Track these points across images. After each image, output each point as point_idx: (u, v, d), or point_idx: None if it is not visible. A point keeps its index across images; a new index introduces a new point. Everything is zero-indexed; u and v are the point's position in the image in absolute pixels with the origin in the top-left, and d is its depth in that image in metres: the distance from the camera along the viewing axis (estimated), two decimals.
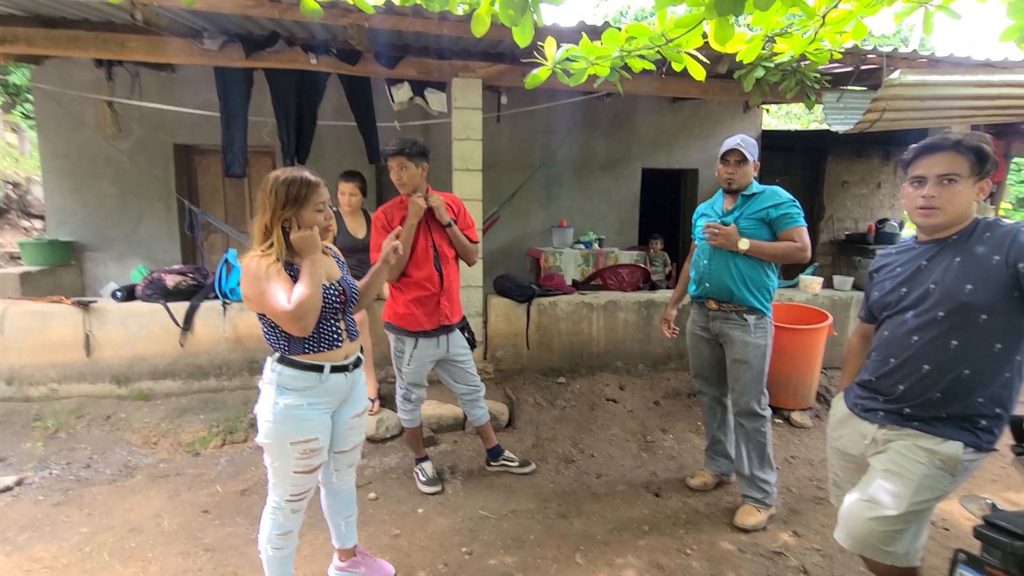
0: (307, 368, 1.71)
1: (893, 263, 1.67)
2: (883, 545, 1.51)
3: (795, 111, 13.09)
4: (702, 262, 2.55)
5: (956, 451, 1.47)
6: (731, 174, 2.48)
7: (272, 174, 1.68)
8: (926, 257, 1.56)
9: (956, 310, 1.46)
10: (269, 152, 5.28)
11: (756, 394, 2.50)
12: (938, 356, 1.49)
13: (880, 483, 1.53)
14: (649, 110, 6.26)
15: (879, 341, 1.65)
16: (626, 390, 3.85)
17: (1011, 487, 2.83)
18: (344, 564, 2.10)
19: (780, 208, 2.43)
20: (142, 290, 3.54)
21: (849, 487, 1.70)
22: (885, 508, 1.49)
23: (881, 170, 7.49)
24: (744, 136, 2.52)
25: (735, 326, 2.49)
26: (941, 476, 1.48)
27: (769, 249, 2.42)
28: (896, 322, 1.59)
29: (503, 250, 5.86)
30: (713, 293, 2.52)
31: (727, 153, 2.48)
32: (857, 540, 1.56)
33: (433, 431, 3.31)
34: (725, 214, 2.54)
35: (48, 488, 2.76)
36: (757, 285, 2.47)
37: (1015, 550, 1.21)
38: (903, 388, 1.55)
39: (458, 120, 3.70)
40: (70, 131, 4.87)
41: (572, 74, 1.92)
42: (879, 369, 1.62)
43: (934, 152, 1.51)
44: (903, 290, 1.58)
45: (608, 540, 2.38)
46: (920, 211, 1.54)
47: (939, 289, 1.49)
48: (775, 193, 2.48)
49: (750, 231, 2.44)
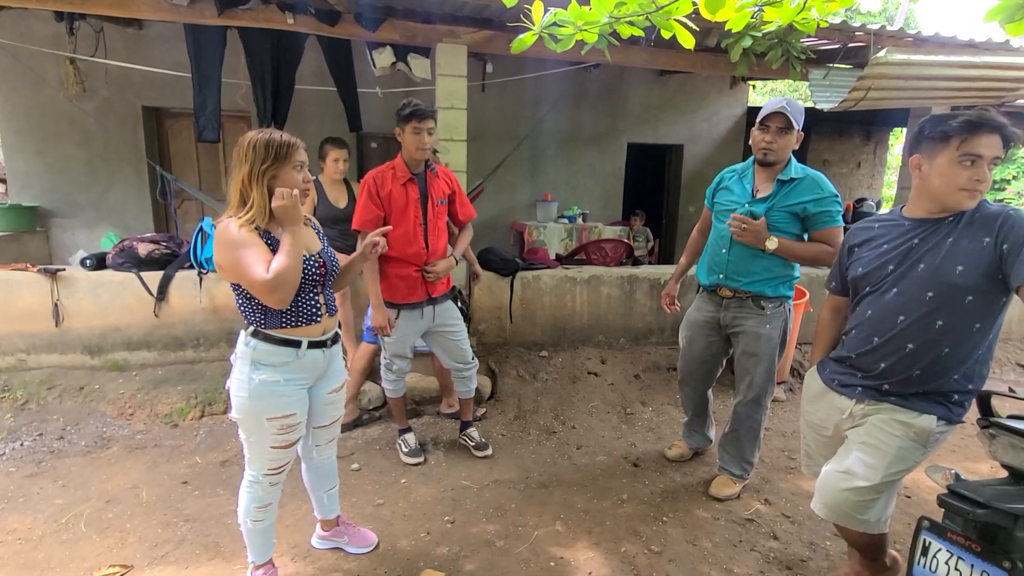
0: (284, 343, 1.66)
1: (877, 238, 1.62)
2: (857, 514, 1.57)
3: (780, 88, 13.08)
4: (720, 251, 2.30)
5: (930, 425, 1.52)
6: (769, 144, 2.13)
7: (248, 134, 1.60)
8: (918, 236, 1.53)
9: (945, 291, 1.47)
10: (244, 117, 5.09)
11: (765, 386, 2.37)
12: (922, 335, 1.51)
13: (857, 455, 1.57)
14: (636, 83, 6.19)
15: (861, 319, 1.64)
16: (608, 364, 3.90)
17: (969, 457, 2.97)
18: (327, 533, 2.11)
19: (821, 204, 2.13)
20: (113, 258, 3.42)
21: (821, 459, 1.76)
22: (861, 479, 1.54)
23: (862, 149, 7.58)
24: (790, 99, 2.15)
25: (750, 315, 2.30)
26: (914, 448, 1.54)
27: (799, 251, 2.16)
28: (881, 301, 1.58)
29: (487, 223, 5.81)
30: (728, 284, 2.31)
31: (769, 117, 2.12)
32: (832, 509, 1.61)
33: (416, 403, 3.32)
34: (755, 201, 2.22)
35: (20, 460, 2.70)
36: (779, 278, 2.28)
37: (976, 517, 1.27)
38: (884, 366, 1.57)
39: (442, 88, 3.60)
40: (30, 89, 4.61)
41: (559, 40, 1.86)
42: (861, 347, 1.62)
43: (991, 132, 1.41)
44: (890, 267, 1.56)
45: (588, 508, 2.44)
46: (967, 192, 1.44)
47: (930, 270, 1.49)
48: (817, 184, 2.16)
49: (781, 226, 2.16)
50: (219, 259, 1.58)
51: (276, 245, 1.61)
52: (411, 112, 2.35)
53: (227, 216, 1.60)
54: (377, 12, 3.40)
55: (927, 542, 1.39)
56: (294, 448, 1.77)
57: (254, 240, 1.57)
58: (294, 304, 1.67)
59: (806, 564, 2.13)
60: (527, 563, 2.08)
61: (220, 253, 1.57)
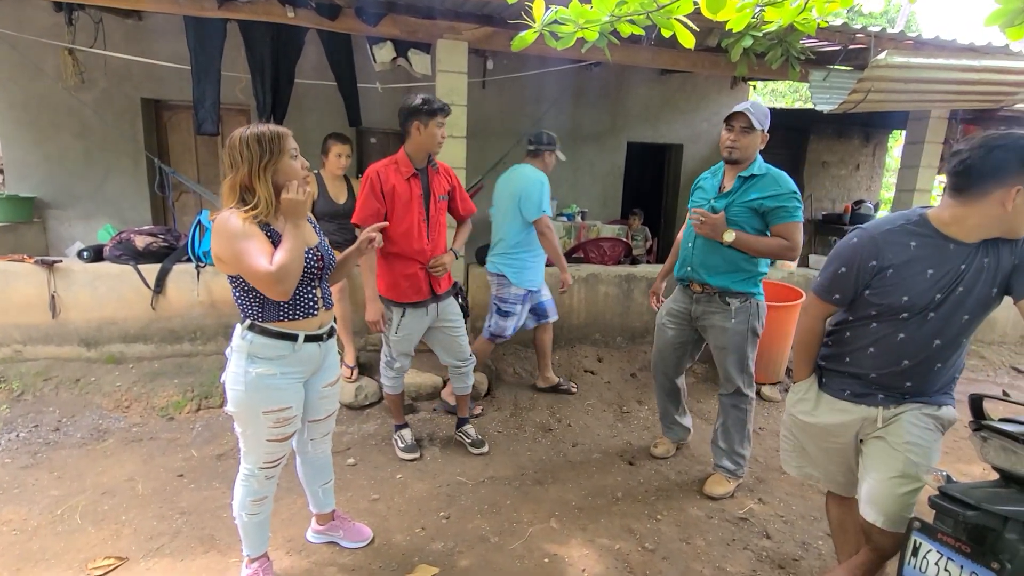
0: (280, 336, 1.67)
1: (919, 260, 1.47)
2: (907, 514, 1.54)
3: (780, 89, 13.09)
4: (687, 244, 2.46)
5: (952, 415, 1.60)
6: (734, 142, 2.26)
7: (235, 132, 1.59)
8: (964, 261, 1.45)
9: (979, 313, 1.49)
10: (244, 110, 5.07)
11: (741, 376, 2.48)
12: (948, 352, 1.55)
13: (907, 458, 1.56)
14: (636, 82, 6.18)
15: (891, 341, 1.55)
16: (604, 362, 3.91)
17: (962, 459, 2.99)
18: (322, 528, 2.12)
19: (778, 200, 2.24)
20: (110, 251, 3.41)
21: (831, 466, 1.75)
22: (915, 481, 1.55)
23: (860, 151, 7.58)
24: (756, 102, 2.29)
25: (716, 311, 2.42)
26: (940, 439, 1.60)
27: (755, 245, 2.28)
28: (917, 326, 1.51)
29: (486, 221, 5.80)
30: (696, 277, 2.44)
31: (732, 116, 2.26)
32: (894, 518, 1.55)
33: (412, 399, 3.32)
34: (718, 197, 2.37)
35: (15, 451, 2.70)
36: (742, 271, 2.37)
37: (966, 519, 1.28)
38: (911, 384, 1.59)
39: (442, 84, 3.59)
40: (28, 79, 4.58)
41: (560, 38, 1.86)
42: (885, 367, 1.58)
43: None
44: (937, 296, 1.47)
45: (582, 506, 2.45)
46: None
47: (970, 295, 1.47)
48: (776, 181, 2.27)
49: (740, 220, 2.29)
50: (218, 251, 1.57)
51: (276, 238, 1.61)
52: (440, 107, 2.39)
53: (226, 208, 1.59)
54: (378, 7, 3.39)
55: (917, 543, 1.40)
56: (290, 442, 1.77)
57: (255, 232, 1.57)
58: (292, 297, 1.67)
59: (798, 563, 2.14)
60: (521, 559, 2.10)
61: (220, 245, 1.56)
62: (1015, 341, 4.86)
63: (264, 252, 1.55)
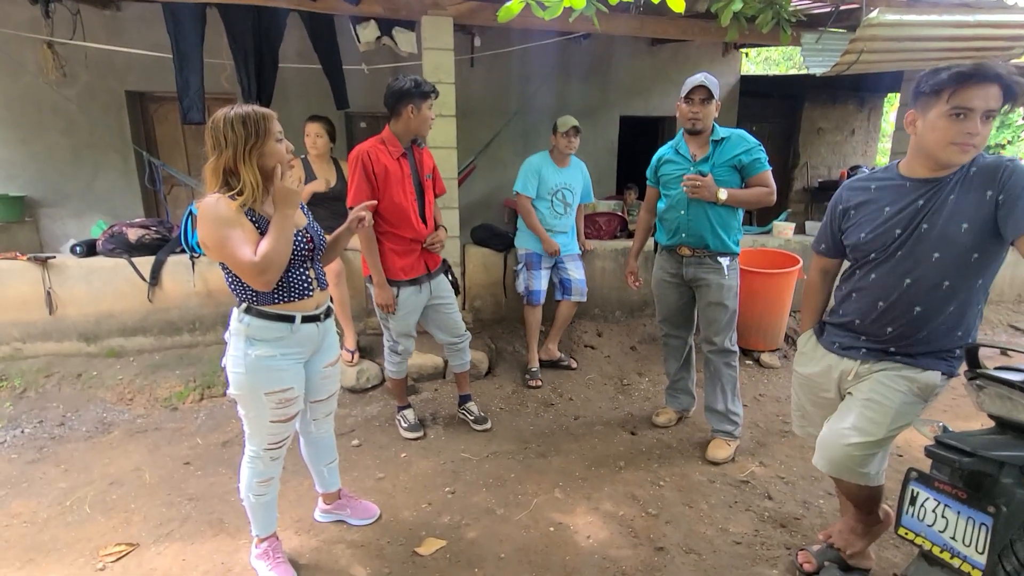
0: (277, 319, 1.66)
1: (876, 200, 1.57)
2: (859, 467, 1.58)
3: (774, 56, 12.91)
4: (679, 212, 2.53)
5: (934, 380, 1.55)
6: (695, 113, 2.41)
7: (219, 113, 1.55)
8: (923, 197, 1.49)
9: (951, 251, 1.45)
10: (230, 98, 4.93)
11: (730, 332, 2.60)
12: (929, 297, 1.50)
13: (860, 411, 1.58)
14: (627, 54, 6.09)
15: (864, 284, 1.61)
16: (603, 336, 3.92)
17: (960, 416, 3.02)
18: (329, 507, 2.15)
19: (751, 153, 2.43)
20: (103, 244, 3.39)
21: (819, 419, 1.76)
22: (865, 435, 1.55)
23: (856, 116, 7.51)
24: (707, 73, 2.44)
25: (710, 270, 2.53)
26: (916, 403, 1.57)
27: (745, 196, 2.45)
28: (887, 265, 1.55)
29: (480, 202, 5.77)
30: (689, 242, 2.53)
31: (693, 91, 2.40)
32: (835, 464, 1.62)
33: (414, 380, 3.34)
34: (698, 162, 2.49)
35: (21, 446, 2.72)
36: (730, 229, 2.53)
37: (963, 466, 1.30)
38: (892, 331, 1.57)
39: (429, 62, 3.53)
40: (9, 76, 4.52)
41: (547, 7, 1.83)
42: (867, 313, 1.60)
43: (983, 83, 1.36)
44: (897, 232, 1.52)
45: (586, 476, 2.48)
46: (958, 147, 1.40)
47: (935, 230, 1.46)
48: (743, 138, 2.46)
49: (724, 179, 2.43)
50: (203, 237, 1.54)
51: (263, 225, 1.59)
52: (432, 89, 2.41)
53: (211, 193, 1.56)
54: None
55: (915, 492, 1.42)
56: (293, 422, 1.78)
57: (240, 220, 1.54)
58: (285, 279, 1.66)
59: (799, 522, 2.17)
60: (527, 529, 2.13)
61: (205, 231, 1.53)
62: (1012, 300, 4.87)
63: (249, 241, 1.53)
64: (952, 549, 1.32)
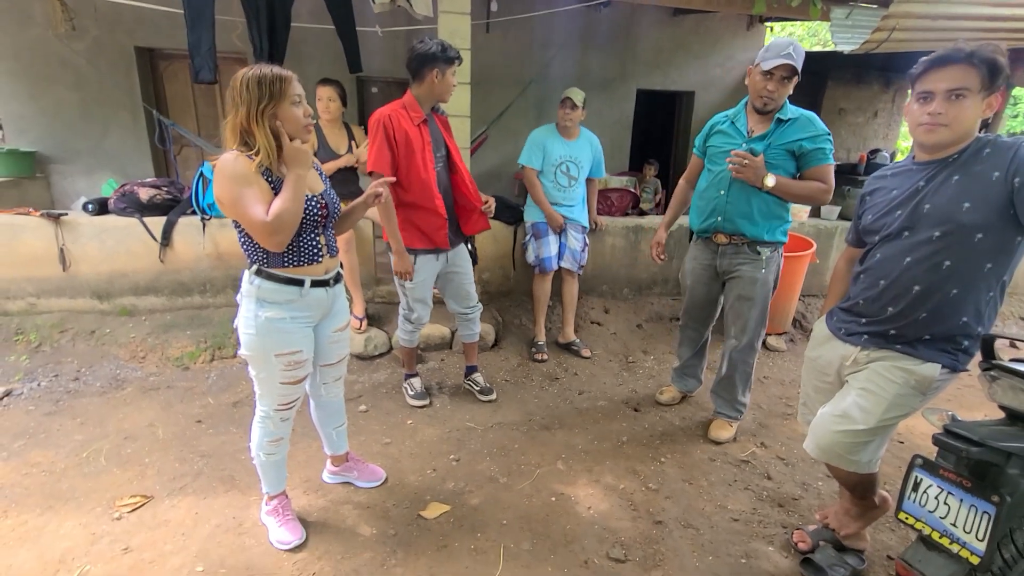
0: (287, 282, 1.67)
1: (887, 186, 1.62)
2: (848, 455, 1.61)
3: (798, 32, 12.49)
4: (718, 192, 2.30)
5: (933, 373, 1.52)
6: (771, 93, 2.11)
7: (240, 72, 1.54)
8: (924, 178, 1.52)
9: (952, 230, 1.45)
10: (241, 58, 4.91)
11: (758, 329, 2.43)
12: (929, 276, 1.49)
13: (853, 399, 1.59)
14: (647, 24, 5.91)
15: (871, 263, 1.62)
16: (610, 313, 3.93)
17: (964, 405, 3.02)
18: (337, 469, 2.20)
19: (816, 141, 2.15)
20: (115, 203, 3.40)
21: (818, 406, 1.77)
22: (855, 423, 1.56)
23: (880, 98, 7.28)
24: (795, 44, 2.09)
25: (746, 261, 2.34)
26: (913, 395, 1.55)
27: (794, 189, 2.18)
28: (889, 244, 1.57)
29: (491, 173, 5.70)
30: (725, 227, 2.32)
31: (776, 67, 2.07)
32: (824, 450, 1.65)
33: (421, 350, 3.37)
34: (753, 139, 2.22)
35: (38, 399, 2.78)
36: (775, 220, 2.29)
37: (970, 455, 1.30)
38: (892, 310, 1.56)
39: (444, 26, 3.44)
40: (18, 27, 4.45)
41: None
42: (868, 291, 1.61)
43: (945, 65, 1.43)
44: (898, 212, 1.55)
45: (588, 449, 2.52)
46: (923, 127, 1.47)
47: (935, 208, 1.47)
48: (811, 122, 2.18)
49: (777, 164, 2.18)
50: (219, 193, 1.55)
51: (279, 186, 1.59)
52: (457, 54, 2.31)
53: (230, 150, 1.55)
54: None
55: (919, 479, 1.43)
56: (303, 384, 1.81)
57: (256, 179, 1.55)
58: (295, 244, 1.66)
59: (797, 502, 2.21)
60: (529, 498, 2.17)
61: (221, 186, 1.54)
62: None
63: (262, 200, 1.53)
64: (952, 535, 1.34)
